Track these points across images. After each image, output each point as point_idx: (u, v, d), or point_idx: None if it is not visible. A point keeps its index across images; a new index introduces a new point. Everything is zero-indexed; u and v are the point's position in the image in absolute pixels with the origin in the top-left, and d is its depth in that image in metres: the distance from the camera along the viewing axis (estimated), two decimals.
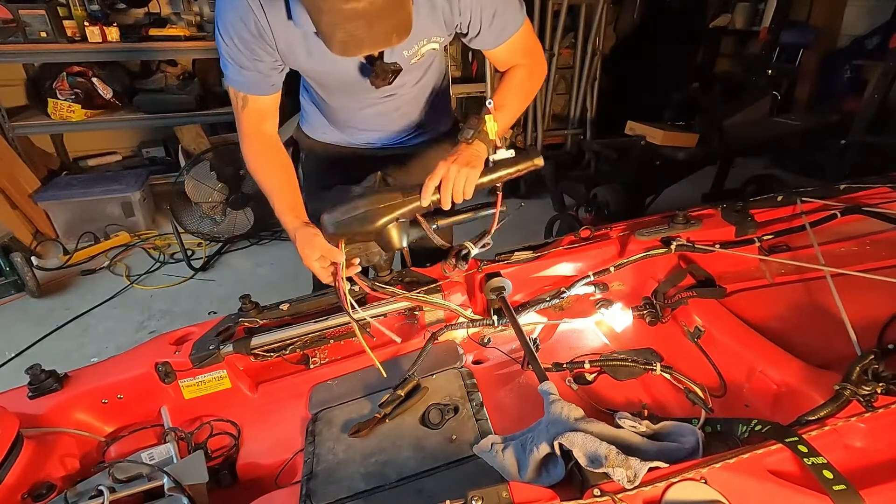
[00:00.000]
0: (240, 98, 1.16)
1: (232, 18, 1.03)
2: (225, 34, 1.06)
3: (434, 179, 1.07)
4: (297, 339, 1.25)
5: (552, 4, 3.48)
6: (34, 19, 2.96)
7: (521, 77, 1.23)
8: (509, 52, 1.21)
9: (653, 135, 2.86)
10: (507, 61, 1.24)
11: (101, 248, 3.08)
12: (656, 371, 1.09)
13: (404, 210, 1.06)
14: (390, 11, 0.81)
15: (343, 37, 0.82)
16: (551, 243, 1.44)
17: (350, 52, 0.86)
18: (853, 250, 1.43)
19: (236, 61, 1.09)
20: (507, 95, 1.21)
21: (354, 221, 1.02)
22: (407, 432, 1.03)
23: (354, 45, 0.84)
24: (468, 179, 1.08)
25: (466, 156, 1.10)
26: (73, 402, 1.12)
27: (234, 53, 1.07)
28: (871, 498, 0.72)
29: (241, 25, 1.03)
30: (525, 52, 1.23)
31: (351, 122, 1.40)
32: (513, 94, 1.22)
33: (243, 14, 1.01)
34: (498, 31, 1.15)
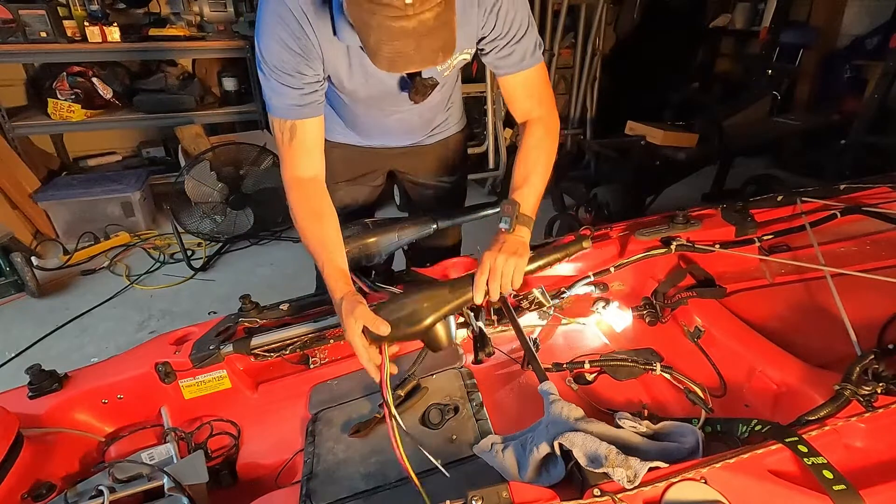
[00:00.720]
0: (286, 129, 1.09)
1: (280, 33, 1.00)
2: (269, 51, 1.02)
3: (483, 273, 1.04)
4: (297, 339, 1.24)
5: (552, 4, 3.48)
6: (34, 19, 2.96)
7: (540, 138, 1.18)
8: (525, 87, 1.18)
9: (653, 135, 2.86)
10: (523, 100, 1.20)
11: (101, 248, 3.08)
12: (656, 371, 1.09)
13: (452, 307, 1.03)
14: (438, 31, 0.81)
15: (390, 54, 0.82)
16: (551, 243, 1.44)
17: (397, 69, 0.86)
18: (853, 250, 1.43)
19: (281, 81, 1.04)
20: (531, 165, 1.15)
21: (401, 322, 0.99)
22: (407, 432, 1.03)
23: (402, 63, 0.84)
24: (516, 269, 1.05)
25: (511, 245, 1.07)
26: (73, 402, 1.12)
27: (278, 74, 1.04)
28: (871, 498, 0.72)
29: (292, 40, 1.00)
30: (541, 96, 1.20)
31: (372, 128, 1.41)
32: (535, 161, 1.16)
33: (294, 29, 1.00)
34: (519, 56, 1.12)
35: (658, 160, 2.84)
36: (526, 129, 1.20)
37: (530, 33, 1.11)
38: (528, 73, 1.16)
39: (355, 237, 1.23)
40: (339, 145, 1.46)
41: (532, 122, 1.20)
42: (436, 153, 1.53)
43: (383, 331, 0.96)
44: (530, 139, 1.18)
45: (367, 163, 1.50)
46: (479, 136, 3.70)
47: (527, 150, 1.17)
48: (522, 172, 1.15)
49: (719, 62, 4.96)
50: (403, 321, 0.99)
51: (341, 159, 1.46)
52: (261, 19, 1.02)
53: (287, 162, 1.12)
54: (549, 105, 1.21)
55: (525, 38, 1.10)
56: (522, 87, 1.18)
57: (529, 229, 1.13)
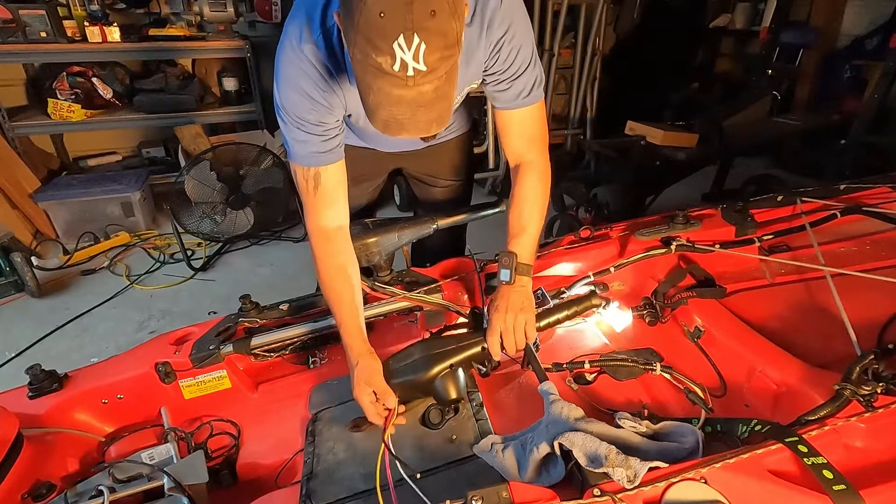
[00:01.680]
0: (310, 177, 1.09)
1: (303, 85, 1.01)
2: (291, 102, 1.02)
3: (494, 335, 1.07)
4: (297, 339, 1.25)
5: (552, 4, 3.48)
6: (34, 19, 2.95)
7: (533, 185, 1.17)
8: (520, 125, 1.16)
9: (653, 135, 2.86)
10: (515, 137, 1.18)
11: (101, 248, 3.08)
12: (656, 371, 1.09)
13: (460, 358, 1.05)
14: (435, 103, 0.82)
15: (386, 117, 0.83)
16: (551, 243, 1.44)
17: (390, 132, 0.86)
18: (853, 250, 1.43)
19: (303, 130, 1.04)
20: (527, 215, 1.16)
21: (408, 370, 1.02)
22: (407, 432, 1.03)
23: (395, 128, 0.85)
24: (528, 324, 1.07)
25: (516, 300, 1.09)
26: (73, 402, 1.12)
27: (300, 123, 1.04)
28: (871, 498, 0.72)
29: (316, 91, 1.01)
30: (533, 137, 1.17)
31: (380, 141, 1.40)
32: (530, 211, 1.16)
33: (316, 80, 1.00)
34: (516, 93, 1.11)
35: (658, 160, 2.84)
36: (519, 174, 1.18)
37: (530, 71, 1.09)
38: (523, 111, 1.14)
39: (355, 237, 1.23)
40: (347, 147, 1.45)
41: (524, 168, 1.17)
42: (441, 153, 1.53)
43: (391, 403, 1.00)
44: (524, 187, 1.16)
45: (372, 163, 1.50)
46: (479, 136, 3.70)
47: (522, 199, 1.16)
48: (518, 222, 1.16)
49: (719, 62, 4.96)
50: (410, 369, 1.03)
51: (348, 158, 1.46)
52: (280, 70, 1.02)
53: (312, 211, 1.11)
54: (541, 147, 1.18)
55: (525, 75, 1.09)
56: (517, 124, 1.16)
57: (530, 277, 1.14)
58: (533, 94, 1.11)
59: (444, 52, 0.78)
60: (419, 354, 1.05)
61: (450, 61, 0.80)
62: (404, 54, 0.75)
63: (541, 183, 1.17)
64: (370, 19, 0.74)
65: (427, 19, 0.74)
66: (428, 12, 0.74)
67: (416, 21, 0.74)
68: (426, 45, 0.75)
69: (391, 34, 0.74)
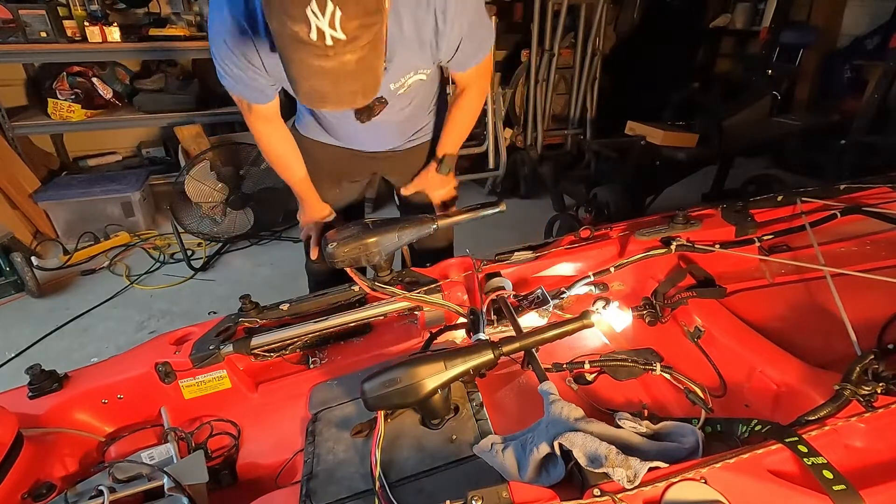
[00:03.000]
0: (244, 104, 1.25)
1: (219, 32, 1.07)
2: (218, 53, 1.10)
3: (416, 187, 1.53)
4: (297, 339, 1.25)
5: (552, 4, 3.48)
6: (34, 19, 2.95)
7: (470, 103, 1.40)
8: (474, 74, 1.32)
9: (653, 135, 2.86)
10: (467, 80, 1.34)
11: (101, 248, 3.08)
12: (656, 371, 1.09)
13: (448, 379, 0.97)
14: (359, 74, 0.81)
15: (307, 89, 0.82)
16: (551, 243, 1.44)
17: (313, 105, 0.86)
18: (853, 250, 1.43)
19: (232, 76, 1.14)
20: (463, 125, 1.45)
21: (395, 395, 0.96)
22: (407, 432, 1.03)
23: (318, 100, 0.84)
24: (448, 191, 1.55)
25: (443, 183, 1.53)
26: (73, 402, 1.12)
27: (230, 69, 1.13)
28: (871, 498, 0.72)
29: (228, 37, 1.06)
30: (481, 75, 1.34)
31: (346, 135, 1.44)
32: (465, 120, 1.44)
33: (229, 28, 1.05)
34: (470, 57, 1.23)
35: (658, 160, 2.84)
36: (461, 94, 1.38)
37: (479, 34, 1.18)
38: (478, 66, 1.28)
39: (355, 237, 1.23)
40: (322, 145, 1.49)
41: (468, 89, 1.37)
42: (418, 157, 1.54)
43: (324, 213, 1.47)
44: (465, 101, 1.39)
45: (351, 165, 1.53)
46: (479, 136, 3.70)
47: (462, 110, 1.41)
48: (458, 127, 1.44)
49: (719, 62, 4.97)
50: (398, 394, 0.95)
51: (325, 158, 1.50)
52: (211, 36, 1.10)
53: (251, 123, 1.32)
54: (486, 79, 1.37)
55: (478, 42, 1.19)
56: (471, 74, 1.31)
57: (453, 166, 1.52)
58: (483, 49, 1.24)
59: (364, 19, 0.75)
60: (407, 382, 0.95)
61: (372, 29, 0.77)
62: (319, 21, 0.73)
63: (478, 100, 1.41)
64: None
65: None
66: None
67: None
68: (341, 11, 0.73)
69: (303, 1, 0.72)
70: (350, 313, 1.26)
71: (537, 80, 3.70)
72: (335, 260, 1.22)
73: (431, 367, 0.93)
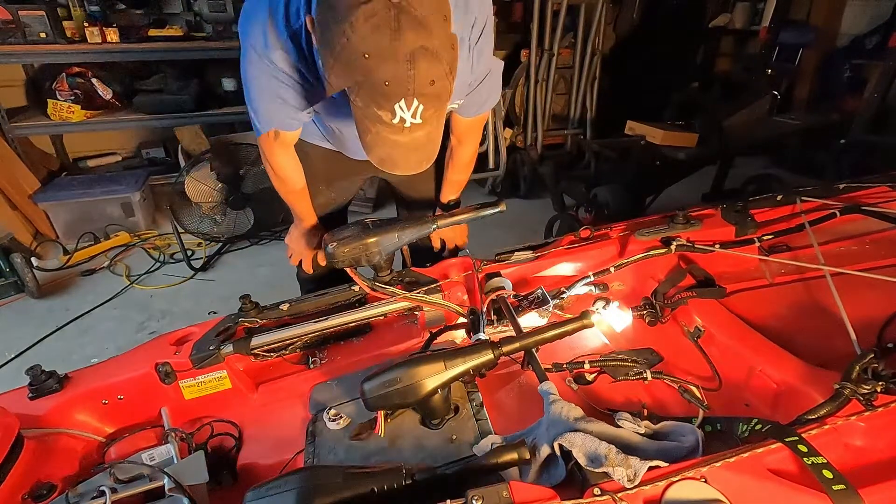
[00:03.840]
0: (271, 134, 1.21)
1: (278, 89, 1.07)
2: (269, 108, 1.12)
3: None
4: (297, 339, 1.25)
5: (552, 4, 3.48)
6: (34, 20, 2.95)
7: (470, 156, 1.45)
8: (472, 125, 1.35)
9: (653, 135, 2.86)
10: (463, 130, 1.37)
11: (101, 248, 3.08)
12: (647, 379, 1.09)
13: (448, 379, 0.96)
14: (426, 146, 0.92)
15: (382, 155, 0.92)
16: (551, 243, 1.45)
17: (385, 168, 0.94)
18: (853, 250, 1.43)
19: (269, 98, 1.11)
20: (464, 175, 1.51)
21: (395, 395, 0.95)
22: (407, 432, 1.03)
23: (389, 165, 0.93)
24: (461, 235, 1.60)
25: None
26: (74, 402, 1.12)
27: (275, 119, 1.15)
28: (871, 497, 0.72)
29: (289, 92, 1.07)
30: (478, 129, 1.40)
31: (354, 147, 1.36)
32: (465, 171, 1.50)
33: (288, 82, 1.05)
34: (481, 104, 1.26)
35: (658, 160, 2.84)
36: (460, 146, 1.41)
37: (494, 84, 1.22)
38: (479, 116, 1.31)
39: (356, 237, 1.22)
40: (322, 150, 1.46)
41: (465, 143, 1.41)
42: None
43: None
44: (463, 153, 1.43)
45: (349, 168, 1.52)
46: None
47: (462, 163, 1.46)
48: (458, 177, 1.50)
49: (719, 62, 4.96)
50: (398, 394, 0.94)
51: (322, 161, 1.47)
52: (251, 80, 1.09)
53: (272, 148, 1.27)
54: (480, 132, 1.43)
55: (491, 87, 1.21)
56: (469, 124, 1.34)
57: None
58: (490, 101, 1.27)
59: (439, 108, 0.86)
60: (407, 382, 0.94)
61: (441, 111, 0.88)
62: (404, 113, 0.83)
63: (474, 153, 1.47)
64: (375, 85, 0.80)
65: (427, 87, 0.81)
66: (428, 81, 0.81)
67: (418, 89, 0.81)
68: (423, 106, 0.83)
69: (394, 98, 0.81)
70: (350, 313, 1.26)
71: (537, 80, 3.70)
72: (335, 260, 1.22)
73: (431, 366, 0.92)
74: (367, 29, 0.77)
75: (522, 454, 0.81)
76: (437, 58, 0.81)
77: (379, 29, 0.77)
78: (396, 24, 0.77)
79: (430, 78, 0.81)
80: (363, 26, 0.77)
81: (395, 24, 0.77)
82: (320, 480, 0.80)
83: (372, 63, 0.79)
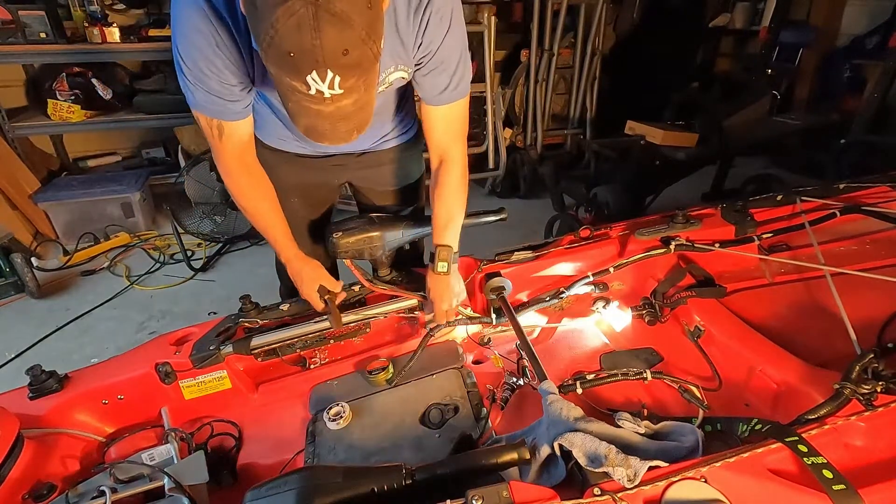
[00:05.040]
0: (213, 126, 1.05)
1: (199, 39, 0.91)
2: (189, 55, 0.93)
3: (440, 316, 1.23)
4: (298, 340, 1.25)
5: (552, 4, 3.48)
6: (34, 20, 2.95)
7: (458, 178, 1.22)
8: (447, 120, 1.17)
9: (653, 135, 2.86)
10: (444, 134, 1.19)
11: (101, 248, 3.08)
12: (647, 379, 1.08)
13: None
14: (354, 115, 0.81)
15: (306, 125, 0.82)
16: (551, 243, 1.45)
17: (312, 139, 0.85)
18: (853, 249, 1.43)
19: (209, 88, 0.97)
20: (454, 207, 1.23)
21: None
22: (407, 432, 1.03)
23: (316, 136, 0.84)
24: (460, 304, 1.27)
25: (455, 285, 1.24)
26: (74, 402, 1.12)
27: (198, 74, 0.95)
28: (871, 497, 0.72)
29: (210, 46, 0.92)
30: (459, 132, 1.20)
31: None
32: (455, 202, 1.23)
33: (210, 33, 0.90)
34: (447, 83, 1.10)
35: (658, 160, 2.84)
36: (443, 169, 1.21)
37: (461, 64, 1.08)
38: (451, 107, 1.14)
39: (360, 229, 1.22)
40: (287, 156, 1.33)
41: (449, 163, 1.21)
42: (388, 161, 1.40)
43: (334, 287, 1.22)
44: (450, 181, 1.22)
45: (319, 176, 1.39)
46: (479, 136, 3.70)
47: (449, 193, 1.22)
48: (447, 213, 1.22)
49: (719, 62, 4.96)
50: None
51: (290, 170, 1.34)
52: (177, 24, 0.92)
53: (222, 153, 1.10)
54: (463, 142, 1.22)
55: (453, 66, 1.07)
56: (442, 119, 1.17)
57: (457, 264, 1.27)
58: (460, 87, 1.11)
59: (361, 76, 0.76)
60: None
61: (368, 77, 0.78)
62: (319, 85, 0.73)
63: (463, 177, 1.23)
64: (280, 54, 0.71)
65: (339, 57, 0.71)
66: (340, 51, 0.71)
67: (328, 60, 0.70)
68: (340, 77, 0.73)
69: (303, 70, 0.72)
70: (350, 313, 1.26)
71: (537, 80, 3.70)
72: (338, 251, 1.22)
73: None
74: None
75: (522, 454, 0.81)
76: (347, 22, 0.69)
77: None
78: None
79: (342, 47, 0.70)
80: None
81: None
82: (320, 480, 0.80)
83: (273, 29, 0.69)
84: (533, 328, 1.36)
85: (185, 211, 3.04)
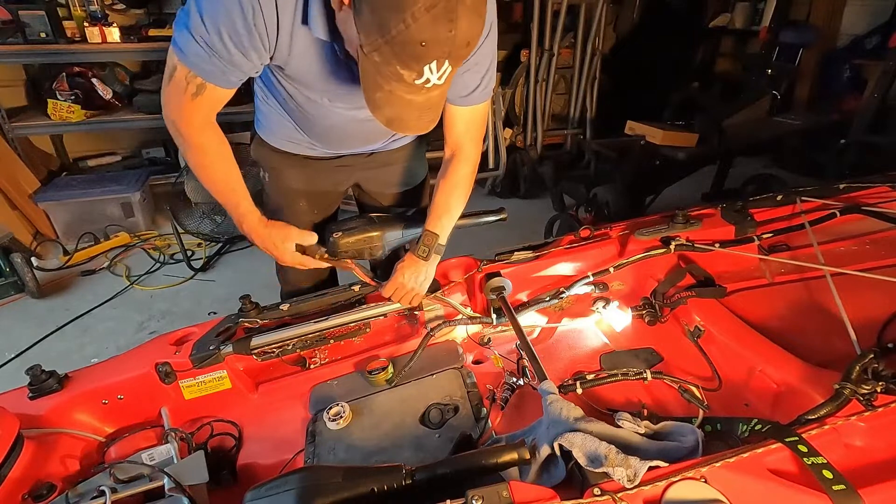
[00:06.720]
0: (194, 84, 0.95)
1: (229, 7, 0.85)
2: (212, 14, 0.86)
3: (390, 290, 1.20)
4: (298, 340, 1.25)
5: (552, 4, 3.48)
6: (34, 20, 2.95)
7: (466, 175, 1.21)
8: (468, 121, 1.17)
9: (653, 135, 2.86)
10: (464, 133, 1.19)
11: (101, 248, 3.08)
12: (647, 379, 1.08)
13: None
14: (437, 105, 0.86)
15: (391, 115, 0.84)
16: (551, 243, 1.45)
17: (392, 128, 0.88)
18: (853, 249, 1.43)
19: (214, 49, 0.89)
20: (454, 200, 1.21)
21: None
22: (407, 432, 1.03)
23: (398, 126, 0.87)
24: (415, 297, 1.21)
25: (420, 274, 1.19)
26: (74, 402, 1.12)
27: (215, 42, 0.88)
28: (871, 497, 0.72)
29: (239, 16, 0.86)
30: (476, 134, 1.20)
31: (329, 131, 1.23)
32: (458, 196, 1.21)
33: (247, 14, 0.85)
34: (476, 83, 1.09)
35: (658, 160, 2.84)
36: (454, 162, 1.21)
37: (490, 67, 1.09)
38: (475, 107, 1.15)
39: (360, 229, 1.22)
40: (295, 157, 1.31)
41: (460, 157, 1.20)
42: (396, 161, 1.39)
43: (309, 240, 1.18)
44: (457, 174, 1.20)
45: (327, 179, 1.37)
46: None
47: (453, 185, 1.20)
48: (446, 203, 1.20)
49: (719, 62, 4.96)
50: None
51: (297, 173, 1.33)
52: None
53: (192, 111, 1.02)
54: (479, 140, 1.22)
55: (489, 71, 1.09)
56: (465, 120, 1.17)
57: (440, 256, 1.23)
58: (487, 90, 1.12)
59: (457, 67, 0.81)
60: None
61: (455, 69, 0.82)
62: (431, 74, 0.77)
63: (471, 175, 1.23)
64: (408, 43, 0.73)
65: (462, 48, 0.76)
66: (465, 42, 0.76)
67: (454, 51, 0.76)
68: (452, 67, 0.78)
69: (426, 60, 0.75)
70: (350, 313, 1.26)
71: (537, 80, 3.70)
72: (339, 250, 1.21)
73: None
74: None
75: (522, 454, 0.81)
76: (479, 15, 0.75)
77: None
78: None
79: (468, 38, 0.75)
80: None
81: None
82: (320, 480, 0.80)
83: (411, 18, 0.71)
84: (533, 328, 1.36)
85: (185, 211, 3.04)
